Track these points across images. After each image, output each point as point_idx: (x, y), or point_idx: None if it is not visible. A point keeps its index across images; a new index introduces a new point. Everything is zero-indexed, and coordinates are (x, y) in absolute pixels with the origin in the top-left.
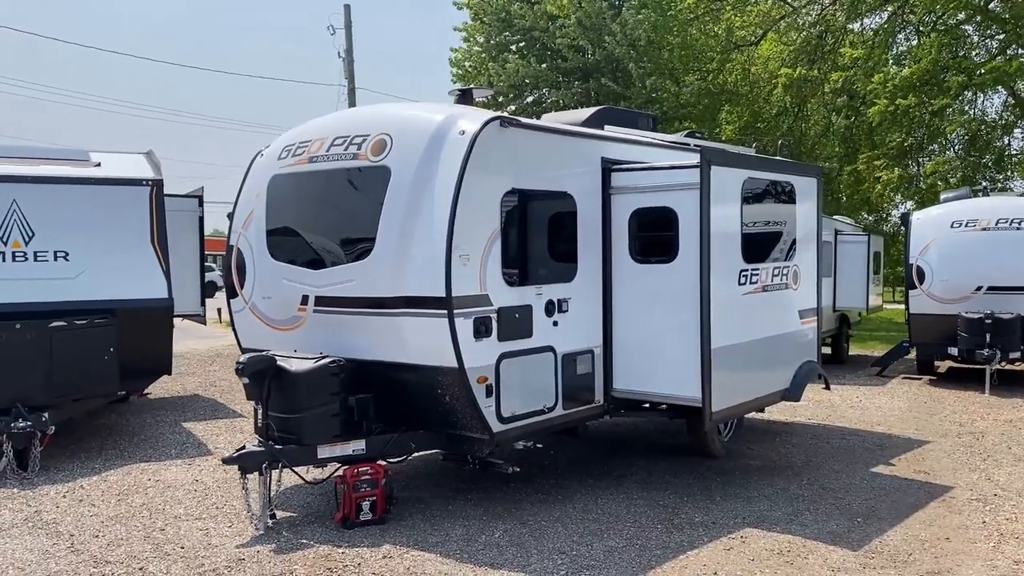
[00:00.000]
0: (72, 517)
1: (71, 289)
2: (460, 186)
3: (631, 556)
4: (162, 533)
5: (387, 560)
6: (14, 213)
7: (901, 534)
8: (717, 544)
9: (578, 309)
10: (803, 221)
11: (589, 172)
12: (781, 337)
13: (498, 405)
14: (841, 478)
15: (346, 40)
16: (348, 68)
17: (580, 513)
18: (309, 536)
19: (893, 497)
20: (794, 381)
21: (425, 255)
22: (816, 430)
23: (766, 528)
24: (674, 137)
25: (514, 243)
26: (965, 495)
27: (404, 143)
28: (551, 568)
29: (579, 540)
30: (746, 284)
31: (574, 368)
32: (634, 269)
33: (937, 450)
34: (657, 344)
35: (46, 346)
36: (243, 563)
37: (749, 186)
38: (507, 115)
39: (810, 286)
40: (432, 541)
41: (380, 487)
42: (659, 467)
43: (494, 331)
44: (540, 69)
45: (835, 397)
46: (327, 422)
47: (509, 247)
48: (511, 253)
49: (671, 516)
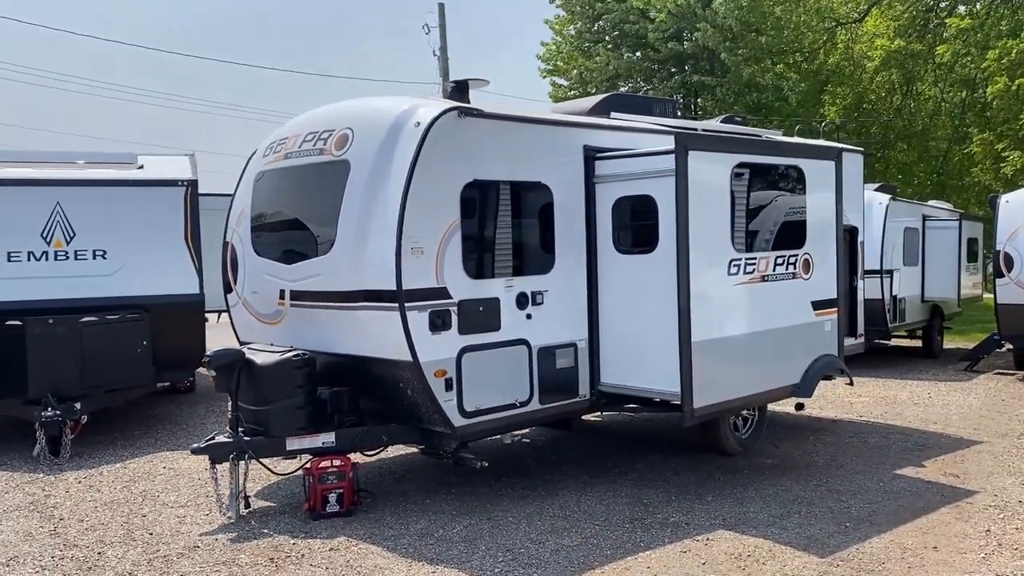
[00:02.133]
0: (73, 502)
1: (108, 286)
2: (411, 178)
3: (578, 556)
4: (142, 519)
5: (332, 552)
6: (57, 214)
7: (886, 541)
8: (677, 546)
9: (556, 302)
10: (816, 207)
11: (569, 161)
12: (788, 330)
13: (460, 399)
14: (856, 480)
15: (440, 39)
16: (443, 66)
17: (555, 510)
18: (273, 526)
19: (902, 501)
20: (805, 376)
21: (378, 248)
22: (860, 428)
23: (741, 530)
24: (679, 122)
25: (478, 235)
26: (985, 501)
27: (364, 137)
28: (488, 565)
29: (536, 538)
30: (738, 274)
31: (552, 362)
32: (618, 260)
33: (984, 452)
34: (641, 337)
35: (77, 340)
36: (196, 550)
37: (743, 171)
38: (467, 105)
39: (828, 276)
40: (387, 535)
41: (348, 480)
42: (664, 464)
43: (454, 324)
44: (632, 60)
45: (901, 393)
46: (292, 414)
47: (472, 239)
48: (475, 245)
49: (647, 515)
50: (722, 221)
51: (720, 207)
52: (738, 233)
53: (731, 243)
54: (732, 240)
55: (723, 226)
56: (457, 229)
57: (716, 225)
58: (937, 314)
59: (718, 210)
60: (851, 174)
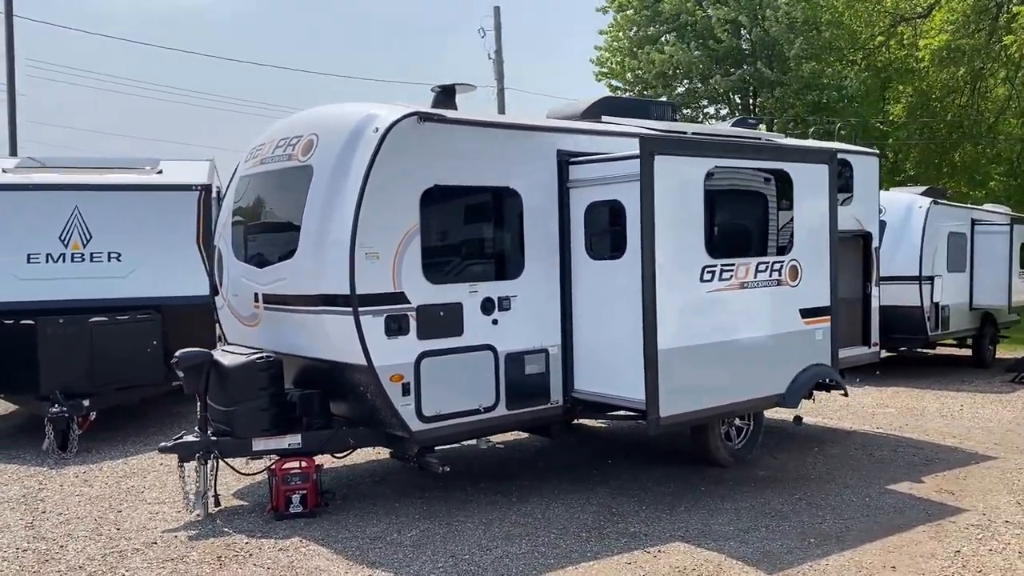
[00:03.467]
0: (61, 496)
1: (122, 287)
2: (365, 184)
3: (518, 565)
4: (116, 515)
5: (280, 552)
6: (75, 218)
7: (845, 559)
8: (625, 557)
9: (526, 307)
10: (805, 212)
11: (540, 166)
12: (771, 338)
13: (418, 404)
14: (843, 494)
15: (496, 42)
16: (498, 69)
17: (518, 516)
18: (236, 525)
19: (881, 518)
20: (791, 386)
21: (335, 253)
22: (872, 440)
23: (699, 543)
24: (670, 125)
25: (440, 240)
26: (969, 520)
27: (327, 142)
28: (426, 571)
29: (485, 545)
30: (713, 281)
31: (521, 368)
32: (591, 266)
33: (993, 468)
34: (611, 344)
35: (86, 339)
36: (153, 546)
37: (719, 175)
38: (429, 110)
39: (819, 283)
40: (341, 537)
41: (311, 481)
42: (649, 473)
43: (412, 329)
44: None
45: (932, 404)
46: (257, 416)
47: (433, 244)
48: (436, 250)
49: (609, 524)
50: (694, 227)
51: (692, 213)
52: (714, 239)
53: (705, 249)
54: (706, 246)
55: (695, 232)
56: (416, 234)
57: (687, 231)
58: (989, 322)
59: (690, 216)
60: (865, 178)
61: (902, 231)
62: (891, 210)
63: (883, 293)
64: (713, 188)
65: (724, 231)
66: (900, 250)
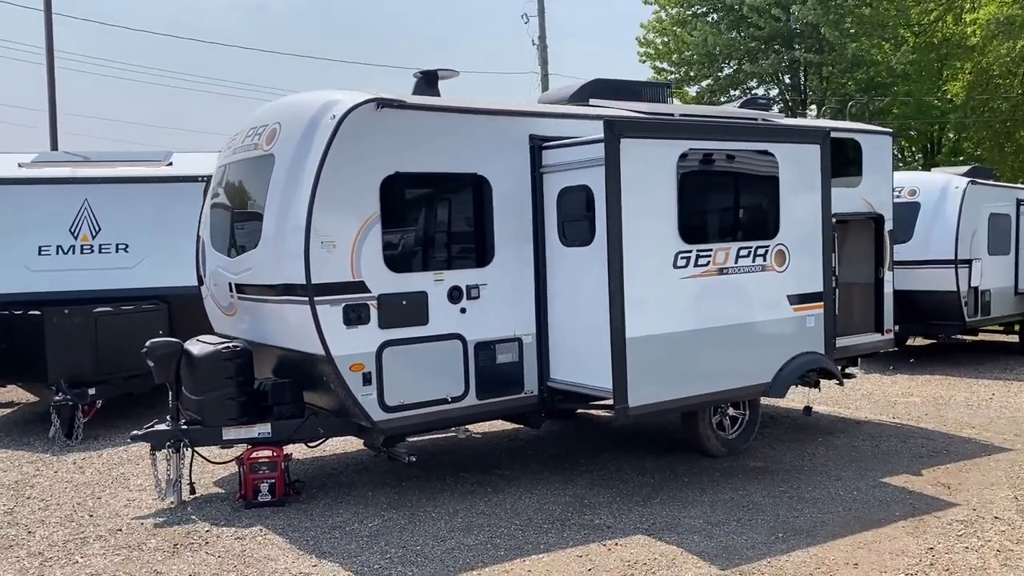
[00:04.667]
0: (51, 482)
1: (129, 278)
2: (320, 173)
3: (467, 556)
4: (95, 501)
5: (236, 541)
6: (85, 210)
7: (808, 555)
8: (578, 550)
9: (496, 295)
10: (793, 194)
11: (511, 151)
12: (755, 325)
13: (380, 394)
14: (832, 487)
15: (539, 27)
16: (542, 55)
17: (487, 507)
18: (204, 513)
19: (862, 512)
20: (778, 375)
21: (292, 242)
22: (883, 430)
23: (661, 536)
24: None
25: (402, 228)
26: (954, 516)
27: (288, 131)
28: (372, 562)
29: (442, 536)
30: (688, 267)
31: (492, 357)
32: (564, 253)
33: (1002, 461)
34: (583, 333)
35: (91, 329)
36: (117, 533)
37: (695, 158)
38: (389, 97)
39: (810, 268)
40: (302, 526)
41: (280, 470)
42: (638, 463)
43: (373, 318)
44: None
45: (962, 393)
46: (224, 405)
47: (395, 232)
48: (398, 238)
49: (576, 516)
50: (666, 212)
51: (664, 197)
52: (689, 224)
53: (678, 235)
54: (680, 232)
55: (668, 217)
56: (376, 222)
57: (659, 216)
58: None
59: (661, 201)
60: (876, 158)
61: (937, 213)
62: (925, 191)
63: (918, 278)
64: (689, 171)
65: (701, 215)
66: (935, 233)
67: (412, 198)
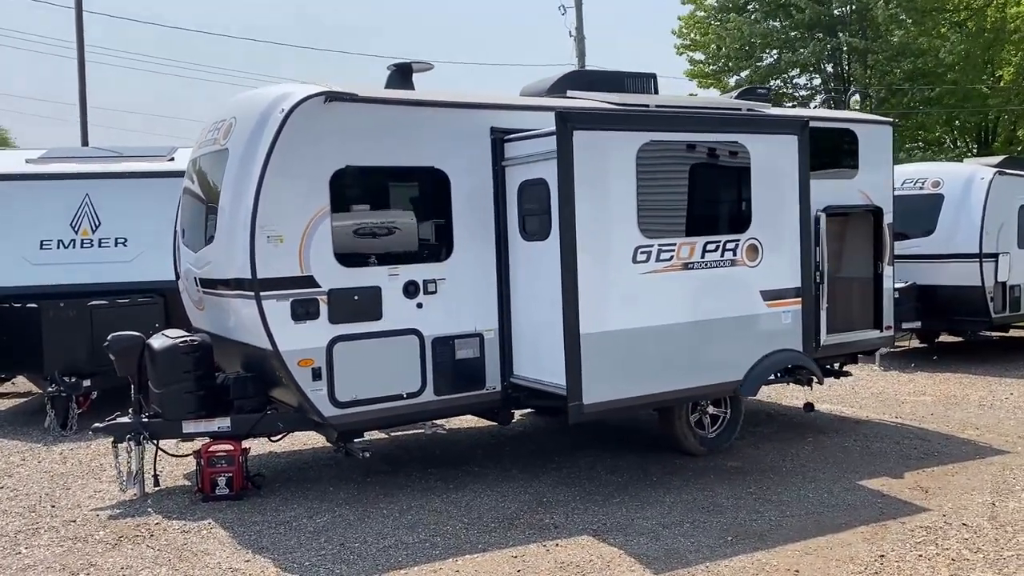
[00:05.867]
0: (30, 472)
1: (127, 271)
2: (266, 167)
3: (401, 554)
4: (64, 492)
5: (181, 534)
6: (86, 205)
7: (751, 560)
8: (515, 551)
9: (455, 290)
10: (767, 187)
11: (471, 144)
12: (724, 322)
13: (331, 389)
14: (803, 489)
15: (576, 19)
16: (579, 47)
17: (441, 504)
18: (162, 506)
19: (826, 516)
20: (750, 373)
21: (240, 237)
22: (879, 430)
23: (606, 537)
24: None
25: (354, 222)
26: (921, 522)
27: (241, 125)
28: (306, 558)
29: (385, 532)
30: (648, 261)
31: (451, 353)
32: (524, 248)
33: (995, 465)
34: (541, 328)
35: (87, 322)
36: (71, 524)
37: (656, 150)
38: (338, 90)
39: (785, 262)
40: (251, 521)
41: (237, 464)
42: (612, 461)
43: (323, 313)
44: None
45: (977, 393)
46: (182, 399)
47: (346, 227)
48: (349, 233)
49: (525, 515)
50: (625, 206)
51: (622, 191)
52: (650, 218)
53: (638, 229)
54: (640, 226)
55: (626, 211)
56: (326, 216)
57: (616, 210)
58: None
59: (619, 194)
60: (874, 149)
61: (961, 205)
62: (949, 183)
63: (942, 273)
64: (650, 164)
65: (664, 209)
66: (959, 226)
67: (365, 192)
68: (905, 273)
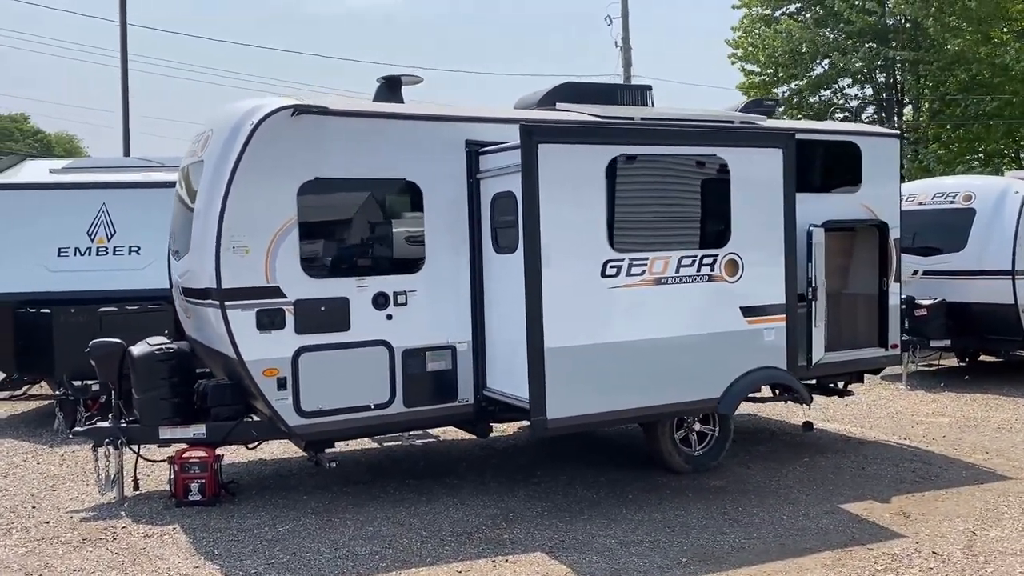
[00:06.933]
0: (26, 472)
1: (140, 278)
2: (232, 179)
3: (347, 565)
4: (48, 494)
5: (143, 538)
6: (103, 214)
7: None
8: (462, 566)
9: (427, 302)
10: (748, 201)
11: (445, 156)
12: (700, 338)
13: (296, 399)
14: (781, 511)
15: (623, 29)
16: (625, 56)
17: (405, 517)
18: (136, 510)
19: (793, 540)
20: (729, 391)
21: (208, 247)
22: (881, 452)
23: (558, 555)
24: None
25: (322, 234)
26: (889, 549)
27: (216, 137)
28: (253, 566)
29: (342, 543)
30: (618, 276)
31: (422, 364)
32: (496, 260)
33: (991, 492)
34: (509, 341)
35: (96, 327)
36: (44, 526)
37: (628, 164)
38: (307, 103)
39: (768, 279)
40: (215, 527)
41: (210, 470)
42: (593, 476)
43: (289, 324)
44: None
45: (998, 415)
46: (158, 405)
47: (314, 238)
48: (317, 244)
49: (485, 530)
50: (593, 220)
51: (591, 205)
52: (621, 232)
53: (608, 243)
54: (610, 240)
55: (595, 225)
56: (293, 228)
57: (585, 224)
58: None
59: (588, 208)
60: (878, 162)
61: (993, 220)
62: (981, 197)
63: (972, 290)
64: (622, 177)
65: (636, 223)
66: (991, 242)
67: (334, 204)
68: (935, 289)
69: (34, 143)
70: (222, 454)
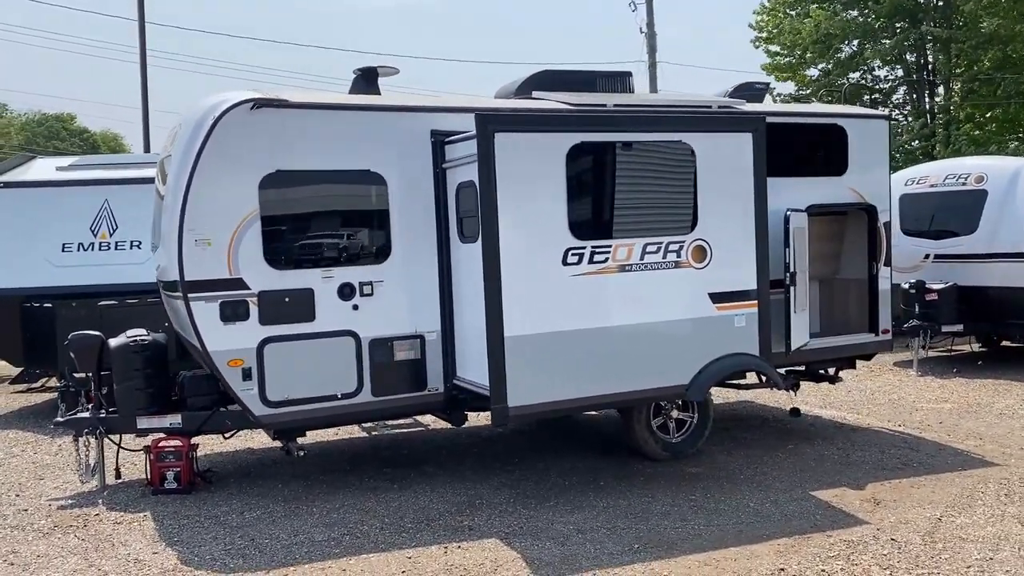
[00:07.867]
0: (20, 462)
1: (141, 272)
2: (193, 173)
3: (301, 552)
4: (35, 482)
5: (113, 525)
6: (105, 210)
7: (648, 569)
8: (414, 552)
9: (394, 292)
10: (715, 186)
11: (409, 147)
12: (667, 325)
13: (262, 389)
14: (749, 497)
15: (647, 15)
16: (650, 43)
17: (372, 504)
18: (113, 498)
19: (752, 526)
20: (697, 378)
21: (172, 240)
22: (872, 438)
23: (512, 541)
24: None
25: (286, 226)
26: (847, 536)
27: (182, 132)
28: (210, 550)
29: (302, 530)
30: (580, 263)
31: (389, 354)
32: (462, 249)
33: (971, 478)
34: (473, 330)
35: (96, 321)
36: (22, 513)
37: (589, 151)
38: (268, 96)
39: (738, 264)
40: (184, 514)
41: (186, 459)
42: (570, 464)
43: (253, 315)
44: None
45: (1002, 401)
46: (133, 395)
47: (277, 230)
48: (280, 236)
49: (446, 517)
50: (553, 208)
51: (550, 193)
52: (582, 219)
53: (568, 231)
54: (571, 227)
55: (555, 213)
56: (256, 220)
57: (545, 212)
58: None
59: (547, 196)
60: (866, 145)
61: (1005, 201)
62: (993, 178)
63: (985, 273)
64: (583, 165)
65: (598, 210)
66: (1004, 224)
67: (297, 196)
68: (946, 273)
69: (80, 142)
70: (197, 443)
